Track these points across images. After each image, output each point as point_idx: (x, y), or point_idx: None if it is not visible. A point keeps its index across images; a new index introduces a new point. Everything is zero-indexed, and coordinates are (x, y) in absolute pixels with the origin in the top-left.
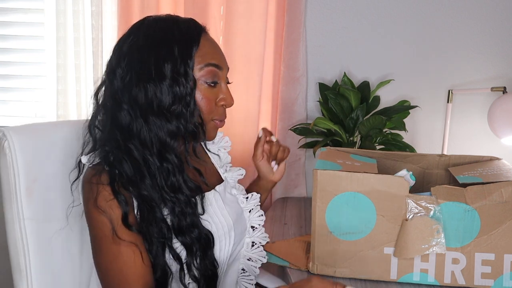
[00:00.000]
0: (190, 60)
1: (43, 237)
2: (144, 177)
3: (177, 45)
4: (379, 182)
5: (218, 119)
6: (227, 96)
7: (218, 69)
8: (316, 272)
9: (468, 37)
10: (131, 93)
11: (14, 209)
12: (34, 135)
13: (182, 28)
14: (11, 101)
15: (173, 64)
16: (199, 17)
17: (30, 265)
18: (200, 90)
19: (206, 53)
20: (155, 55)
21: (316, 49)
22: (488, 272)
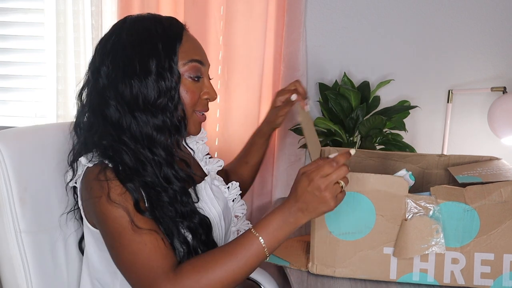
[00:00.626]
0: (175, 56)
1: (39, 248)
2: (145, 165)
3: (161, 41)
4: (379, 182)
5: (200, 111)
6: (210, 90)
7: (201, 64)
8: (316, 272)
9: (468, 37)
10: (117, 89)
11: (9, 222)
12: (19, 140)
13: (165, 25)
14: (11, 101)
15: (157, 60)
16: (199, 17)
17: (31, 279)
18: (184, 84)
19: (189, 49)
20: (139, 52)
21: (316, 49)
22: (488, 272)
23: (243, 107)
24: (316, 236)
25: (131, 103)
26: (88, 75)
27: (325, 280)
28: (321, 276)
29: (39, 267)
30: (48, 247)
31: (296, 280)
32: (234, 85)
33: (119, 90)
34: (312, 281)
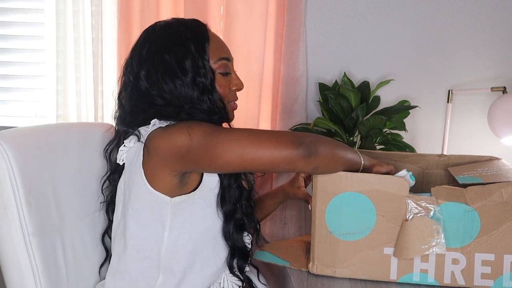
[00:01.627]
0: (206, 55)
1: (47, 250)
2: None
3: (192, 43)
4: (379, 182)
5: (233, 101)
6: (237, 82)
7: (228, 61)
8: (316, 272)
9: (468, 37)
10: (162, 89)
11: (17, 225)
12: (23, 140)
13: (192, 28)
14: (11, 101)
15: (192, 60)
16: (199, 17)
17: (41, 281)
18: (216, 80)
19: (216, 47)
20: (175, 55)
21: (316, 49)
22: (488, 273)
23: (243, 107)
24: (317, 236)
25: (177, 99)
26: (125, 80)
27: (325, 280)
28: (321, 276)
29: (48, 270)
30: (56, 250)
31: (296, 280)
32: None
33: (165, 89)
34: (312, 281)
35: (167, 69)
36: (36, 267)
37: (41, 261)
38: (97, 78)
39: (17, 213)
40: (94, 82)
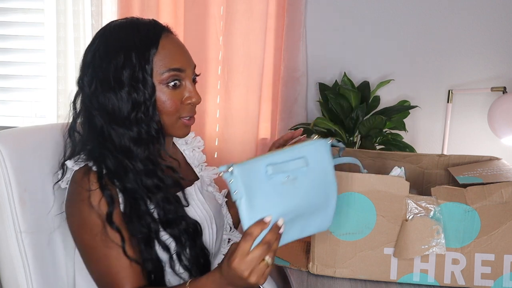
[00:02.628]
0: (148, 65)
1: (39, 248)
2: (127, 171)
3: (135, 51)
4: (379, 182)
5: (186, 117)
6: (192, 94)
7: (180, 72)
8: (316, 272)
9: (468, 37)
10: (98, 100)
11: (10, 223)
12: (19, 140)
13: (141, 32)
14: (11, 101)
15: (131, 71)
16: (199, 17)
17: (32, 278)
18: (163, 93)
19: (166, 56)
20: (115, 63)
21: (316, 49)
22: (488, 273)
23: (243, 107)
24: (317, 236)
25: (109, 115)
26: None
27: (325, 280)
28: (321, 276)
29: (39, 267)
30: (48, 247)
31: (296, 280)
32: (234, 85)
33: (100, 101)
34: (312, 281)
35: (104, 79)
36: (28, 264)
37: (32, 258)
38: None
39: (10, 211)
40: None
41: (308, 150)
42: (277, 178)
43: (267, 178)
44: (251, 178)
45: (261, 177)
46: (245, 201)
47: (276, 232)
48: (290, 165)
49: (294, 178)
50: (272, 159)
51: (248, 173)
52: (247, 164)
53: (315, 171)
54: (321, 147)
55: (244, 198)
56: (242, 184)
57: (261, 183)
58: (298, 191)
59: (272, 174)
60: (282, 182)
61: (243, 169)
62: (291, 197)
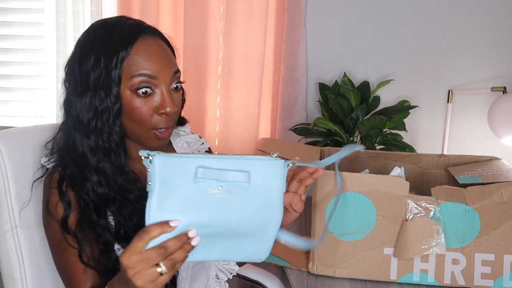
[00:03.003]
0: (116, 70)
1: (34, 243)
2: (84, 179)
3: (103, 54)
4: (379, 182)
5: (159, 128)
6: (164, 103)
7: (150, 78)
8: (316, 272)
9: (468, 37)
10: (71, 103)
11: (6, 218)
12: (20, 140)
13: (116, 34)
14: (11, 101)
15: (97, 75)
16: (199, 17)
17: (25, 273)
18: (132, 100)
19: (137, 60)
20: (85, 66)
21: (316, 49)
22: (488, 273)
23: (243, 107)
24: (317, 236)
25: (74, 120)
26: None
27: (325, 280)
28: (321, 276)
29: (34, 262)
30: (42, 242)
31: (296, 280)
32: (234, 85)
33: (71, 104)
34: (312, 281)
35: (74, 82)
36: (22, 258)
37: (27, 253)
38: None
39: (6, 206)
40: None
41: (255, 166)
42: (206, 184)
43: (194, 181)
44: (173, 174)
45: (187, 177)
46: (156, 198)
47: (182, 241)
48: (227, 175)
49: (228, 191)
50: (207, 162)
51: (170, 168)
52: (173, 158)
53: (258, 192)
54: (273, 168)
55: (155, 193)
56: (159, 178)
57: (185, 184)
58: (229, 207)
59: (202, 178)
60: (211, 190)
61: (165, 162)
62: (217, 210)
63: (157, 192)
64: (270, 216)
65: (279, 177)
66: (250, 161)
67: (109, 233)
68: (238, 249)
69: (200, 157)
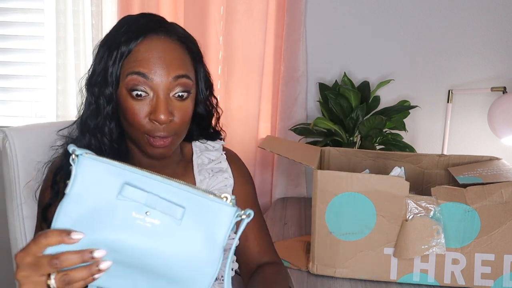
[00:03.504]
0: (114, 67)
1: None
2: None
3: (107, 49)
4: (379, 182)
5: (152, 135)
6: (156, 108)
7: (144, 78)
8: (316, 272)
9: (468, 37)
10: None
11: (15, 208)
12: (34, 135)
13: (125, 29)
14: (11, 101)
15: (97, 72)
16: (199, 17)
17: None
18: (126, 101)
19: (136, 59)
20: (95, 60)
21: (316, 49)
22: (488, 273)
23: (243, 107)
24: (317, 236)
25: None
26: None
27: (325, 280)
28: (321, 276)
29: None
30: None
31: (296, 280)
32: (234, 85)
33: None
34: (312, 281)
35: (90, 70)
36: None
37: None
38: None
39: (15, 196)
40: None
41: (196, 203)
42: (130, 205)
43: (117, 196)
44: (96, 181)
45: (111, 190)
46: (70, 202)
47: (84, 258)
48: (157, 203)
49: (154, 221)
50: (140, 181)
51: (95, 173)
52: (101, 164)
53: (192, 235)
54: (219, 213)
55: (70, 197)
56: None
57: (106, 196)
58: (152, 240)
59: (126, 198)
60: (135, 214)
61: (90, 164)
62: (137, 238)
63: (72, 196)
64: (200, 269)
65: (223, 226)
66: (192, 195)
67: None
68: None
69: (135, 171)
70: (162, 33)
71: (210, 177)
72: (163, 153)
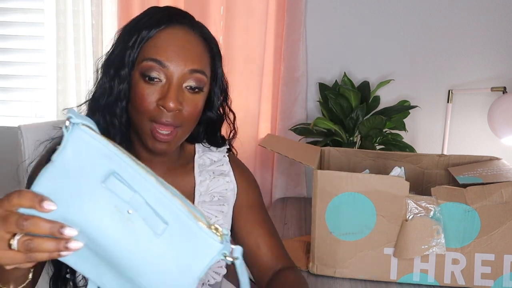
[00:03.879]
0: (132, 50)
1: None
2: None
3: (128, 33)
4: (379, 182)
5: (157, 122)
6: (166, 95)
7: (160, 65)
8: (316, 272)
9: (468, 37)
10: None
11: None
12: (47, 132)
13: (149, 16)
14: (11, 101)
15: (115, 54)
16: (199, 17)
17: None
18: (137, 84)
19: (156, 45)
20: (113, 43)
21: (316, 49)
22: (488, 273)
23: (243, 107)
24: (317, 236)
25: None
26: None
27: (325, 280)
28: (321, 276)
29: None
30: None
31: None
32: (234, 85)
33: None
34: (312, 281)
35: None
36: None
37: None
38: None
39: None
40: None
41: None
42: (113, 196)
43: (101, 181)
44: (85, 156)
45: (98, 172)
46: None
47: (52, 230)
48: (140, 207)
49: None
50: (129, 176)
51: (86, 148)
52: (95, 140)
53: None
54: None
55: (54, 165)
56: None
57: (91, 176)
58: (127, 240)
59: (109, 189)
60: (116, 207)
61: (83, 137)
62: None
63: (57, 165)
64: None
65: (204, 259)
66: (181, 213)
67: None
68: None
69: (129, 163)
70: (186, 25)
71: (211, 179)
72: (164, 149)
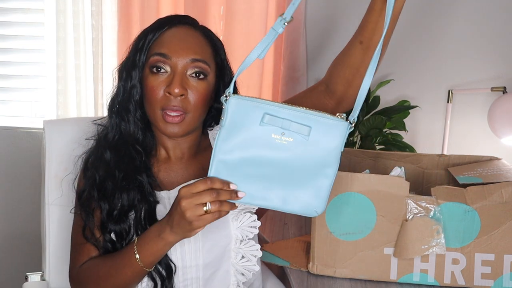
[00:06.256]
0: (141, 54)
1: (62, 222)
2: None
3: (138, 38)
4: (379, 182)
5: (165, 109)
6: (171, 82)
7: (164, 57)
8: (316, 272)
9: (468, 37)
10: None
11: (44, 194)
12: (70, 127)
13: (154, 24)
14: (11, 101)
15: (127, 59)
16: (199, 17)
17: (50, 249)
18: (147, 78)
19: (160, 42)
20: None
21: (316, 49)
22: (488, 273)
23: None
24: (317, 236)
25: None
26: None
27: (325, 280)
28: (321, 276)
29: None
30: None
31: (296, 280)
32: None
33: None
34: (312, 281)
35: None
36: (49, 234)
37: (55, 230)
38: (97, 78)
39: (45, 183)
40: (94, 82)
41: (318, 122)
42: (270, 129)
43: (260, 124)
44: (242, 114)
45: (254, 120)
46: (225, 131)
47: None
48: (290, 125)
49: (288, 139)
50: (275, 110)
51: (241, 108)
52: (246, 101)
53: (316, 146)
54: (335, 127)
55: (225, 128)
56: (230, 116)
57: (251, 124)
58: (287, 153)
59: (267, 124)
60: (274, 135)
61: (238, 103)
62: (276, 153)
63: (226, 127)
64: (324, 171)
65: (339, 137)
66: (314, 117)
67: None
68: (294, 199)
69: (269, 104)
70: (189, 24)
71: None
72: (175, 132)
